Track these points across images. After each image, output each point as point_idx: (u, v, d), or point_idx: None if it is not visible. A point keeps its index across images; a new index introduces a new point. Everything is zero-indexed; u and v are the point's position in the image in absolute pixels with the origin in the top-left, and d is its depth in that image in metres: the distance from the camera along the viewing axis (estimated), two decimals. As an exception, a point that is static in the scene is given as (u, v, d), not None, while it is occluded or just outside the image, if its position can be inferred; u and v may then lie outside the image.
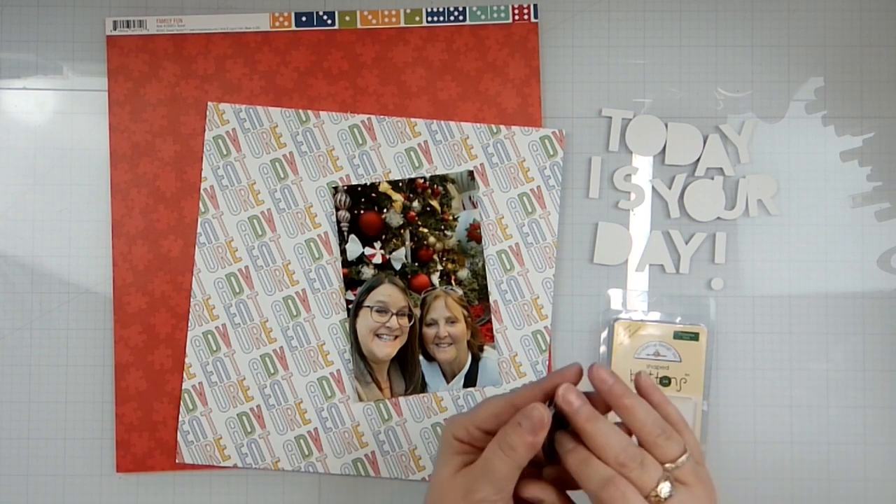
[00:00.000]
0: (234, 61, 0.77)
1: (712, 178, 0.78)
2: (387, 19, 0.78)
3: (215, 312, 0.77)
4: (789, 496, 0.77)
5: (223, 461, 0.76)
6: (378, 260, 0.77)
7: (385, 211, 0.77)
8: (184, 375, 0.76)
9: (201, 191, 0.77)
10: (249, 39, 0.78)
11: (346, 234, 0.77)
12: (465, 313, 0.76)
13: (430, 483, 0.57)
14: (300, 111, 0.77)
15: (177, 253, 0.77)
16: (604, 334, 0.77)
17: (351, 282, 0.76)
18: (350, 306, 0.76)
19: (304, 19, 0.78)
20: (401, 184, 0.77)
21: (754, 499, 0.78)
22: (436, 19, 0.78)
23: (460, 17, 0.77)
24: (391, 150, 0.77)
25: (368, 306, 0.76)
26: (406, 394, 0.76)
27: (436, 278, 0.77)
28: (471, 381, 0.76)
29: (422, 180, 0.77)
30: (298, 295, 0.77)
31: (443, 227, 0.77)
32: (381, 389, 0.76)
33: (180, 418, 0.76)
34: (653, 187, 0.78)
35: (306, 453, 0.76)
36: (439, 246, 0.77)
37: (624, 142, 0.78)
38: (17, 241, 0.78)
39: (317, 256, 0.77)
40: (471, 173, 0.77)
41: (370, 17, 0.78)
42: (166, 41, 0.77)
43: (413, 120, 0.77)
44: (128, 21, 0.78)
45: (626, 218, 0.78)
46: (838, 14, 0.79)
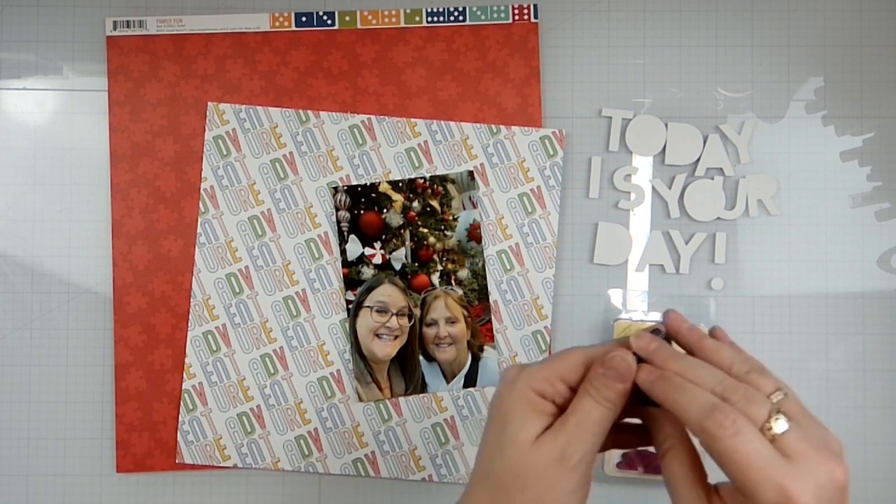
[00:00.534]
0: (234, 61, 0.77)
1: (712, 178, 0.78)
2: (387, 19, 0.78)
3: (215, 312, 0.77)
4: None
5: (223, 461, 0.76)
6: (378, 260, 0.77)
7: (385, 211, 0.77)
8: (184, 375, 0.76)
9: (201, 191, 0.77)
10: (249, 39, 0.78)
11: (346, 234, 0.77)
12: (465, 313, 0.76)
13: (497, 453, 0.47)
14: (300, 111, 0.77)
15: (177, 253, 0.77)
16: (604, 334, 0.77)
17: (351, 282, 0.76)
18: (350, 306, 0.76)
19: (304, 19, 0.78)
20: (401, 184, 0.77)
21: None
22: (436, 19, 0.78)
23: (460, 17, 0.77)
24: (391, 150, 0.77)
25: (368, 306, 0.76)
26: (406, 394, 0.76)
27: (436, 278, 0.77)
28: (471, 381, 0.76)
29: (422, 180, 0.77)
30: (298, 295, 0.77)
31: (443, 227, 0.77)
32: (381, 389, 0.76)
33: (180, 418, 0.76)
34: (653, 187, 0.78)
35: (306, 453, 0.76)
36: (439, 246, 0.77)
37: (624, 142, 0.78)
38: (17, 241, 0.78)
39: (317, 256, 0.77)
40: (471, 173, 0.77)
41: (370, 17, 0.78)
42: (166, 41, 0.77)
43: (413, 120, 0.77)
44: (128, 21, 0.78)
45: (626, 218, 0.78)
46: (838, 14, 0.79)
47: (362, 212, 0.77)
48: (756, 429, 0.43)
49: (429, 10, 0.77)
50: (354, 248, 0.77)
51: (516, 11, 0.77)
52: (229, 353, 0.76)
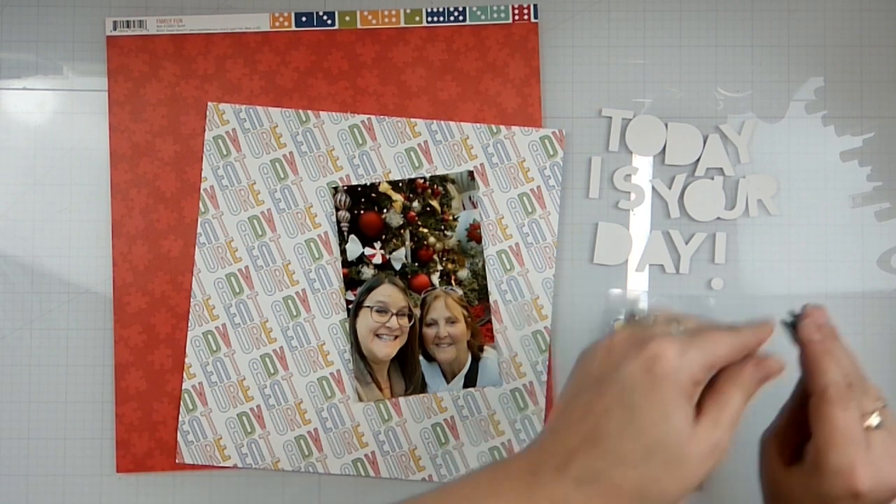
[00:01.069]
0: (234, 61, 0.77)
1: (712, 178, 0.78)
2: (387, 19, 0.78)
3: (215, 312, 0.77)
4: (789, 496, 0.77)
5: (223, 461, 0.76)
6: (378, 260, 0.77)
7: (385, 211, 0.77)
8: (184, 375, 0.76)
9: (201, 191, 0.77)
10: (249, 39, 0.78)
11: (346, 234, 0.77)
12: (465, 313, 0.76)
13: (655, 440, 0.48)
14: (300, 111, 0.77)
15: (177, 253, 0.77)
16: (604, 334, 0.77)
17: (351, 282, 0.76)
18: (350, 306, 0.76)
19: (304, 19, 0.78)
20: (401, 184, 0.77)
21: (755, 499, 0.78)
22: (436, 19, 0.78)
23: (460, 17, 0.77)
24: (391, 150, 0.77)
25: (368, 306, 0.76)
26: (406, 394, 0.76)
27: (436, 278, 0.77)
28: (471, 381, 0.76)
29: (422, 180, 0.77)
30: (298, 295, 0.77)
31: (443, 227, 0.77)
32: (381, 389, 0.76)
33: (180, 418, 0.76)
34: (653, 187, 0.78)
35: (306, 453, 0.76)
36: (439, 246, 0.77)
37: (624, 142, 0.78)
38: (17, 241, 0.78)
39: (317, 256, 0.77)
40: (471, 173, 0.77)
41: (370, 17, 0.78)
42: (166, 41, 0.77)
43: (413, 120, 0.77)
44: (128, 21, 0.78)
45: (626, 218, 0.78)
46: (838, 14, 0.79)
47: (362, 212, 0.77)
48: (860, 415, 0.54)
49: (429, 10, 0.78)
50: (354, 248, 0.77)
51: (516, 11, 0.77)
52: (229, 353, 0.76)
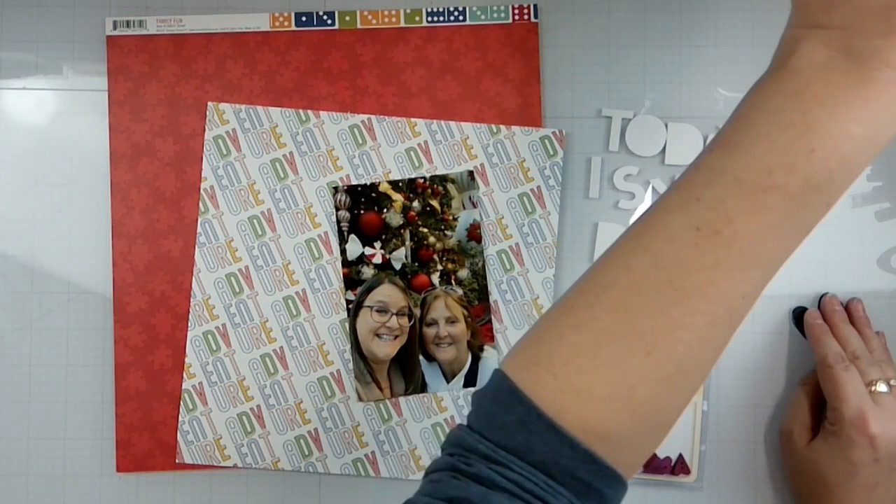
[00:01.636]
0: (234, 61, 0.78)
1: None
2: (387, 19, 0.78)
3: (215, 312, 0.77)
4: (790, 496, 0.77)
5: (223, 461, 0.76)
6: (378, 260, 0.77)
7: (385, 211, 0.77)
8: (184, 375, 0.76)
9: (201, 191, 0.77)
10: (249, 39, 0.78)
11: (346, 234, 0.77)
12: (466, 313, 0.76)
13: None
14: (300, 111, 0.77)
15: (177, 253, 0.77)
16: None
17: (351, 282, 0.76)
18: (350, 306, 0.76)
19: (304, 19, 0.78)
20: (401, 184, 0.77)
21: (754, 499, 0.78)
22: (436, 19, 0.78)
23: (460, 17, 0.77)
24: (391, 150, 0.77)
25: (368, 306, 0.76)
26: (406, 394, 0.76)
27: (436, 278, 0.77)
28: (471, 381, 0.76)
29: (422, 180, 0.77)
30: (298, 295, 0.77)
31: (443, 227, 0.77)
32: (381, 389, 0.76)
33: (180, 418, 0.76)
34: (653, 187, 0.78)
35: (306, 453, 0.76)
36: (439, 246, 0.77)
37: (624, 142, 0.78)
38: (17, 241, 0.78)
39: (317, 256, 0.77)
40: (471, 173, 0.77)
41: (370, 17, 0.78)
42: (166, 41, 0.77)
43: (413, 120, 0.77)
44: (128, 21, 0.78)
45: (626, 218, 0.78)
46: (838, 14, 0.79)
47: (362, 212, 0.77)
48: (865, 380, 0.64)
49: (429, 10, 0.78)
50: (354, 247, 0.77)
51: (516, 11, 0.77)
52: (229, 353, 0.76)
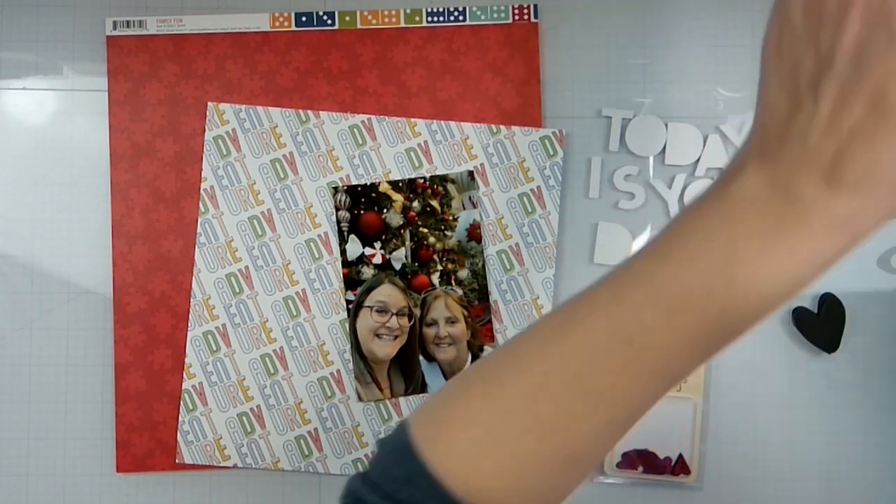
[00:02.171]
0: (234, 61, 0.77)
1: (712, 178, 0.77)
2: (387, 19, 0.78)
3: (215, 312, 0.77)
4: (789, 496, 0.77)
5: (223, 461, 0.76)
6: (378, 260, 0.77)
7: (385, 211, 0.77)
8: (184, 375, 0.76)
9: (201, 191, 0.77)
10: (249, 39, 0.78)
11: (346, 234, 0.77)
12: (466, 313, 0.76)
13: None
14: (300, 111, 0.77)
15: (177, 253, 0.77)
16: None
17: (351, 282, 0.76)
18: (350, 306, 0.76)
19: (304, 19, 0.78)
20: (401, 184, 0.77)
21: (754, 499, 0.78)
22: (436, 19, 0.78)
23: (460, 17, 0.77)
24: (391, 150, 0.77)
25: (368, 306, 0.76)
26: (406, 394, 0.76)
27: (436, 278, 0.77)
28: (471, 381, 0.76)
29: (422, 180, 0.77)
30: (298, 295, 0.77)
31: (443, 227, 0.77)
32: (381, 389, 0.76)
33: (180, 418, 0.76)
34: (653, 187, 0.78)
35: (306, 453, 0.76)
36: (439, 246, 0.77)
37: (624, 142, 0.78)
38: (17, 241, 0.78)
39: (317, 256, 0.77)
40: (471, 173, 0.77)
41: (370, 17, 0.78)
42: (166, 41, 0.77)
43: (413, 120, 0.77)
44: (128, 21, 0.78)
45: (625, 218, 0.78)
46: (838, 14, 0.79)
47: (362, 212, 0.77)
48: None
49: (429, 10, 0.77)
50: (354, 248, 0.77)
51: (516, 11, 0.77)
52: (229, 353, 0.76)
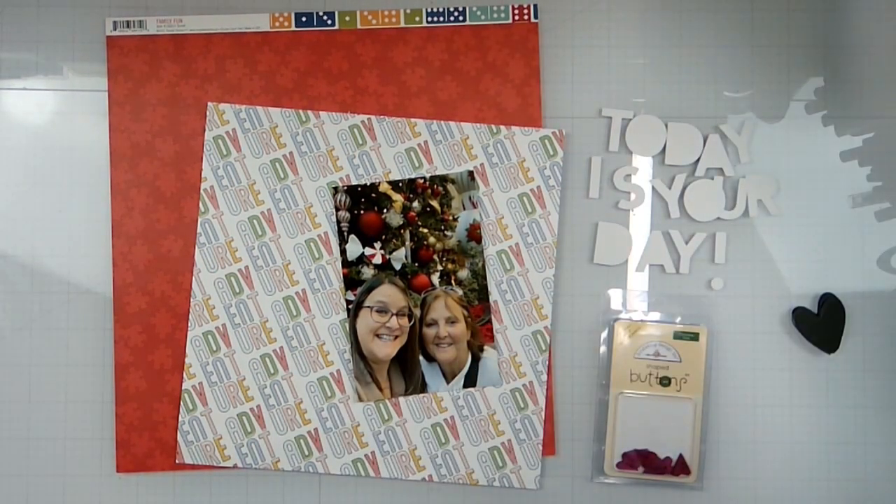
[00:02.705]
0: (234, 61, 0.78)
1: (712, 178, 0.78)
2: (387, 19, 0.78)
3: (215, 312, 0.77)
4: (789, 496, 0.77)
5: (223, 461, 0.76)
6: (378, 260, 0.77)
7: (385, 211, 0.77)
8: (184, 375, 0.76)
9: (201, 191, 0.77)
10: (249, 39, 0.78)
11: (346, 234, 0.77)
12: (465, 313, 0.76)
13: None
14: (300, 111, 0.77)
15: (177, 253, 0.77)
16: (604, 334, 0.77)
17: (351, 282, 0.76)
18: (350, 306, 0.76)
19: (304, 19, 0.78)
20: (401, 184, 0.77)
21: (754, 499, 0.78)
22: (436, 19, 0.78)
23: (460, 18, 0.77)
24: (391, 150, 0.77)
25: (368, 306, 0.76)
26: (406, 394, 0.76)
27: (436, 278, 0.77)
28: (471, 381, 0.76)
29: (422, 180, 0.77)
30: (298, 295, 0.77)
31: (443, 227, 0.77)
32: (381, 389, 0.76)
33: (180, 418, 0.76)
34: (653, 187, 0.78)
35: (306, 453, 0.76)
36: (439, 246, 0.77)
37: (624, 142, 0.78)
38: (17, 241, 0.78)
39: (317, 256, 0.77)
40: (471, 173, 0.77)
41: (370, 18, 0.78)
42: (166, 41, 0.77)
43: (413, 120, 0.77)
44: (128, 21, 0.78)
45: (626, 218, 0.78)
46: (838, 14, 0.79)
47: (362, 212, 0.77)
48: None
49: (429, 10, 0.77)
50: (354, 248, 0.77)
51: (516, 11, 0.77)
52: (229, 353, 0.76)
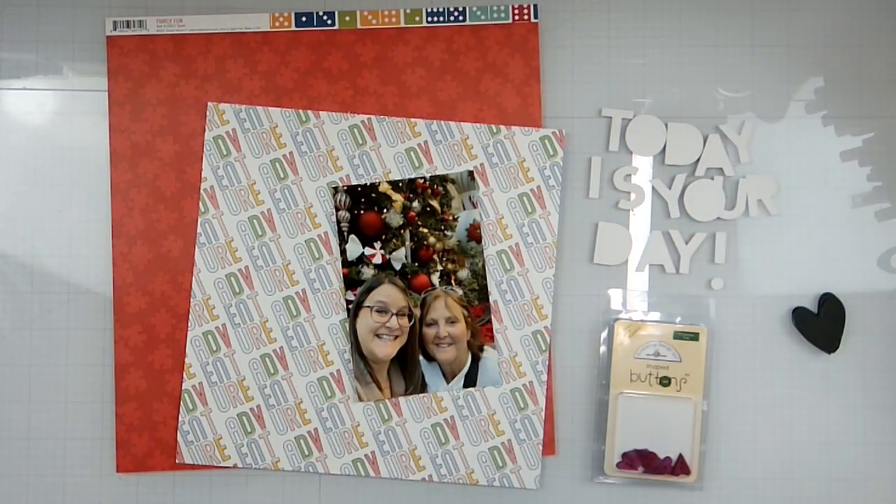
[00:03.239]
0: (234, 61, 0.78)
1: (712, 178, 0.78)
2: (387, 19, 0.78)
3: (215, 312, 0.77)
4: (789, 496, 0.77)
5: (223, 461, 0.76)
6: (378, 260, 0.77)
7: (385, 211, 0.77)
8: (184, 375, 0.76)
9: (201, 191, 0.77)
10: (249, 39, 0.78)
11: (346, 234, 0.77)
12: (465, 313, 0.76)
13: None
14: (300, 111, 0.77)
15: (177, 253, 0.77)
16: (604, 334, 0.77)
17: (351, 282, 0.76)
18: (350, 306, 0.76)
19: (304, 19, 0.78)
20: (401, 184, 0.77)
21: (754, 499, 0.78)
22: (436, 19, 0.78)
23: (460, 17, 0.77)
24: (391, 150, 0.77)
25: (368, 306, 0.76)
26: (406, 394, 0.76)
27: (436, 278, 0.77)
28: (471, 381, 0.76)
29: (422, 180, 0.77)
30: (298, 295, 0.77)
31: (443, 227, 0.77)
32: (381, 389, 0.76)
33: (180, 418, 0.76)
34: (653, 187, 0.78)
35: (306, 453, 0.76)
36: (439, 246, 0.77)
37: (624, 142, 0.78)
38: (17, 241, 0.78)
39: (317, 256, 0.77)
40: (471, 173, 0.77)
41: (370, 17, 0.78)
42: (166, 41, 0.77)
43: (413, 120, 0.77)
44: (128, 21, 0.78)
45: (626, 218, 0.78)
46: (838, 14, 0.79)
47: (362, 212, 0.77)
48: None
49: (429, 10, 0.77)
50: (354, 248, 0.77)
51: (516, 11, 0.77)
52: (229, 353, 0.76)
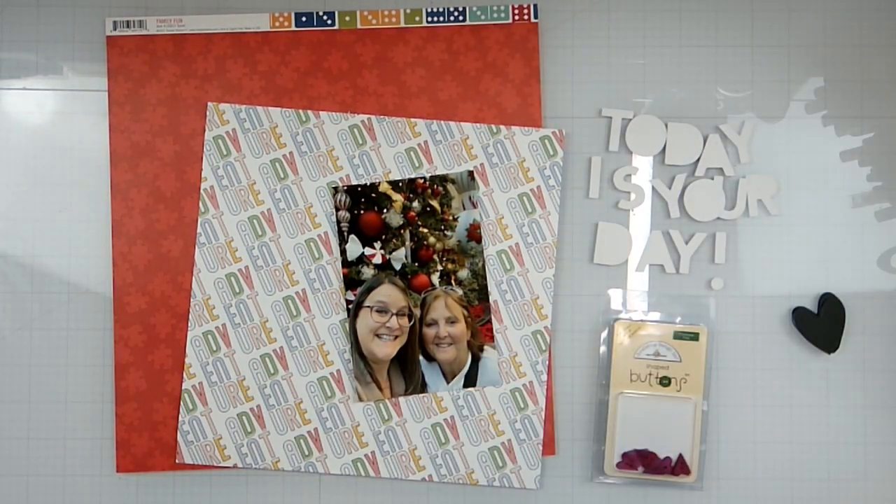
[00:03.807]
0: (234, 61, 0.78)
1: (712, 178, 0.78)
2: (387, 19, 0.78)
3: (215, 312, 0.77)
4: (789, 496, 0.77)
5: (223, 461, 0.76)
6: (378, 260, 0.77)
7: (385, 211, 0.77)
8: (184, 375, 0.76)
9: (201, 191, 0.77)
10: (249, 39, 0.78)
11: (346, 234, 0.77)
12: (465, 313, 0.76)
13: None
14: (300, 111, 0.77)
15: (177, 253, 0.77)
16: (604, 334, 0.77)
17: (351, 282, 0.76)
18: (350, 306, 0.76)
19: (304, 19, 0.78)
20: (401, 184, 0.77)
21: (754, 499, 0.78)
22: (436, 19, 0.78)
23: (460, 17, 0.77)
24: (391, 150, 0.77)
25: (368, 306, 0.76)
26: (406, 394, 0.76)
27: (436, 278, 0.77)
28: (471, 381, 0.76)
29: (422, 180, 0.77)
30: (298, 295, 0.77)
31: (443, 227, 0.77)
32: (381, 389, 0.76)
33: (180, 418, 0.76)
34: (653, 187, 0.78)
35: (306, 453, 0.76)
36: (439, 246, 0.77)
37: (624, 142, 0.78)
38: (17, 241, 0.78)
39: (317, 256, 0.77)
40: (471, 173, 0.77)
41: (370, 17, 0.78)
42: (166, 41, 0.77)
43: (413, 120, 0.77)
44: (128, 21, 0.78)
45: (626, 218, 0.78)
46: (838, 14, 0.79)
47: (362, 212, 0.77)
48: None
49: (429, 10, 0.78)
50: (354, 248, 0.77)
51: (516, 11, 0.77)
52: (229, 353, 0.76)
